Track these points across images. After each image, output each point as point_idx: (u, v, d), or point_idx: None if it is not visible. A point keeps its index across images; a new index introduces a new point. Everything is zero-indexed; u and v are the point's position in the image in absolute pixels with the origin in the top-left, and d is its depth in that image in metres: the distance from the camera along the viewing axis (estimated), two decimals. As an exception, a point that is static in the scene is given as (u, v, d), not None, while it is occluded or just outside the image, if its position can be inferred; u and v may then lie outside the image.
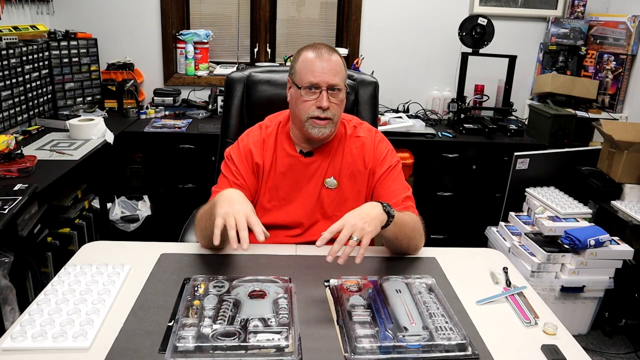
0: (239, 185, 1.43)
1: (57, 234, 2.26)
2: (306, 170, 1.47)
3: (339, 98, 1.39)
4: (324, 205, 1.47)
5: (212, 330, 0.97)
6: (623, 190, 2.38)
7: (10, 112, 2.44)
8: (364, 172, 1.47)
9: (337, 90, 1.37)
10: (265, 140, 1.48)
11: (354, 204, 1.45)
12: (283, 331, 0.97)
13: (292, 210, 1.47)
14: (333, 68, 1.37)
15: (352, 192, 1.47)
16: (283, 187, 1.47)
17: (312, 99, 1.37)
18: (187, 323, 0.99)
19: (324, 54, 1.38)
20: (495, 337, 1.03)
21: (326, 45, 1.41)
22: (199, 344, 0.94)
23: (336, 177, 1.47)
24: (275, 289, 1.13)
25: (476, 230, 2.70)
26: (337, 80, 1.37)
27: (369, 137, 1.50)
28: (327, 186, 1.47)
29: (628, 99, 2.90)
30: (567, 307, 2.30)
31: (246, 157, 1.46)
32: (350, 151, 1.48)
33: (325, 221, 1.46)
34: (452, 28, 2.98)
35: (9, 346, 0.94)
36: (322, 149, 1.47)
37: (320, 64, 1.36)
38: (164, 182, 2.82)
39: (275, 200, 1.47)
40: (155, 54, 3.17)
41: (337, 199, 1.47)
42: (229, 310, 1.04)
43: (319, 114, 1.37)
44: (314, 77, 1.36)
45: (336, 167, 1.47)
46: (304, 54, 1.40)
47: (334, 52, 1.40)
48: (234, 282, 1.14)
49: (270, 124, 1.52)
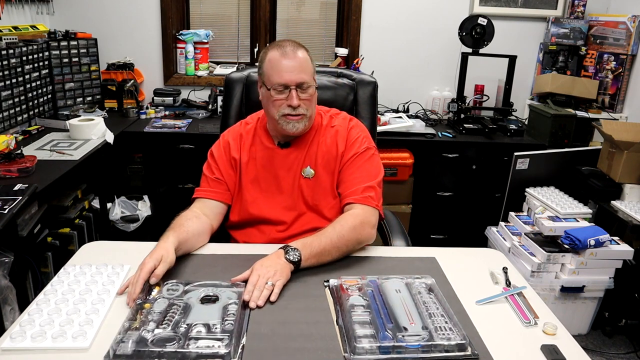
0: (215, 179, 1.48)
1: (57, 234, 2.26)
2: (284, 162, 1.48)
3: (309, 93, 1.40)
4: (304, 195, 1.47)
5: (152, 335, 0.95)
6: (623, 190, 2.38)
7: (10, 112, 2.44)
8: (336, 158, 1.48)
9: (306, 87, 1.38)
10: (242, 136, 1.52)
11: (330, 191, 1.47)
12: (224, 338, 0.95)
13: (276, 203, 1.48)
14: (299, 65, 1.37)
15: (329, 181, 1.48)
16: (264, 179, 1.49)
17: (281, 98, 1.38)
18: (132, 326, 0.98)
19: (289, 53, 1.37)
20: (494, 337, 1.03)
21: (291, 42, 1.41)
22: (137, 348, 0.92)
23: (312, 166, 1.48)
24: (229, 294, 1.10)
25: (476, 230, 2.70)
26: (304, 77, 1.37)
27: (342, 125, 1.51)
28: (305, 175, 1.48)
29: (628, 99, 2.90)
30: (567, 307, 2.30)
31: (225, 151, 1.51)
32: (324, 140, 1.49)
33: (310, 213, 1.47)
34: (452, 28, 2.98)
35: (9, 346, 0.94)
36: (299, 141, 1.49)
37: (286, 62, 1.36)
38: (164, 182, 2.82)
39: (257, 192, 1.49)
40: (155, 54, 3.17)
41: (315, 187, 1.47)
42: (177, 314, 1.02)
43: (290, 111, 1.39)
44: (281, 78, 1.36)
45: (312, 157, 1.48)
46: (270, 54, 1.40)
47: (299, 48, 1.40)
48: (188, 286, 1.12)
49: (250, 121, 1.56)
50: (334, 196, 1.48)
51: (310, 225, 1.46)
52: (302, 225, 1.47)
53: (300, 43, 1.43)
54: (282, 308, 1.10)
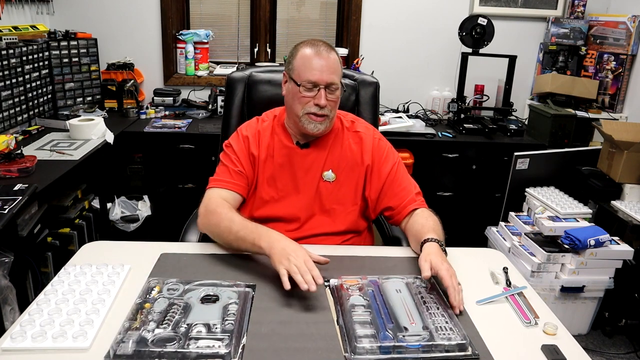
0: (238, 172, 1.44)
1: (57, 234, 2.26)
2: (303, 162, 1.47)
3: (336, 95, 1.40)
4: (322, 199, 1.47)
5: (153, 335, 0.95)
6: (623, 190, 2.38)
7: (10, 112, 2.44)
8: (361, 166, 1.48)
9: (334, 88, 1.38)
10: (260, 132, 1.49)
11: (351, 198, 1.47)
12: (225, 338, 0.95)
13: (291, 203, 1.47)
14: (331, 66, 1.37)
15: (351, 186, 1.48)
16: (281, 179, 1.47)
17: (309, 96, 1.37)
18: (132, 326, 0.98)
19: (322, 52, 1.37)
20: (495, 337, 1.03)
21: (324, 43, 1.41)
22: (138, 348, 0.92)
23: (334, 170, 1.47)
24: (230, 294, 1.10)
25: (476, 230, 2.70)
26: (334, 78, 1.37)
27: (367, 134, 1.51)
28: (325, 179, 1.47)
29: (628, 99, 2.90)
30: (567, 307, 2.30)
31: (245, 144, 1.48)
32: (349, 145, 1.48)
33: (322, 215, 1.47)
34: (452, 28, 2.98)
35: (9, 346, 0.94)
36: (319, 142, 1.48)
37: (318, 61, 1.36)
38: (164, 182, 2.82)
39: (273, 191, 1.47)
40: (155, 54, 3.17)
41: (335, 192, 1.47)
42: (177, 314, 1.02)
43: (316, 110, 1.38)
44: (312, 76, 1.36)
45: (334, 161, 1.47)
46: (302, 50, 1.39)
47: (332, 50, 1.40)
48: (188, 286, 1.12)
49: (266, 118, 1.53)
50: (353, 203, 1.48)
51: (320, 230, 1.45)
52: (312, 227, 1.46)
53: (332, 45, 1.43)
54: (282, 308, 1.09)
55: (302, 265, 1.12)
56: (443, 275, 1.13)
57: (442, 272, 1.14)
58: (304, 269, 1.11)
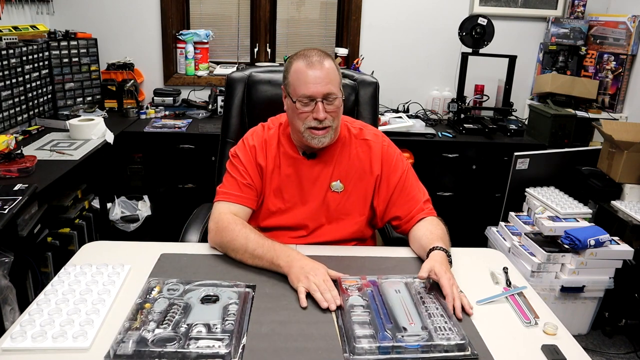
0: (247, 185, 1.41)
1: (57, 234, 2.26)
2: (310, 173, 1.44)
3: (335, 105, 1.34)
4: (330, 209, 1.44)
5: (153, 335, 0.95)
6: (623, 190, 2.38)
7: (10, 112, 2.44)
8: (370, 176, 1.45)
9: (332, 98, 1.33)
10: (267, 142, 1.45)
11: (359, 208, 1.45)
12: (225, 338, 0.95)
13: (298, 214, 1.44)
14: (326, 76, 1.31)
15: (359, 196, 1.45)
16: (288, 190, 1.44)
17: (307, 111, 1.33)
18: (132, 326, 0.98)
19: (315, 63, 1.32)
20: (495, 337, 1.03)
21: (318, 51, 1.35)
22: (138, 348, 0.92)
23: (342, 180, 1.44)
24: (230, 294, 1.10)
25: (476, 230, 2.70)
26: (331, 88, 1.32)
27: (376, 142, 1.47)
28: (334, 190, 1.44)
29: (628, 99, 2.90)
30: (567, 307, 2.30)
31: (252, 155, 1.44)
32: (357, 154, 1.45)
33: (329, 225, 1.45)
34: (452, 28, 2.98)
35: (9, 346, 0.94)
36: (325, 152, 1.44)
37: (312, 73, 1.31)
38: (164, 182, 2.82)
39: (280, 202, 1.45)
40: (155, 54, 3.17)
41: (343, 202, 1.45)
42: (177, 314, 1.02)
43: (317, 124, 1.33)
44: (307, 90, 1.31)
45: (342, 171, 1.45)
46: (295, 64, 1.34)
47: (327, 58, 1.35)
48: (188, 286, 1.12)
49: (272, 126, 1.49)
50: (361, 213, 1.46)
51: (326, 238, 1.44)
52: (319, 236, 1.44)
53: (327, 52, 1.37)
54: (282, 308, 1.09)
55: (322, 284, 1.13)
56: (444, 284, 1.13)
57: (444, 280, 1.13)
58: (323, 287, 1.12)
